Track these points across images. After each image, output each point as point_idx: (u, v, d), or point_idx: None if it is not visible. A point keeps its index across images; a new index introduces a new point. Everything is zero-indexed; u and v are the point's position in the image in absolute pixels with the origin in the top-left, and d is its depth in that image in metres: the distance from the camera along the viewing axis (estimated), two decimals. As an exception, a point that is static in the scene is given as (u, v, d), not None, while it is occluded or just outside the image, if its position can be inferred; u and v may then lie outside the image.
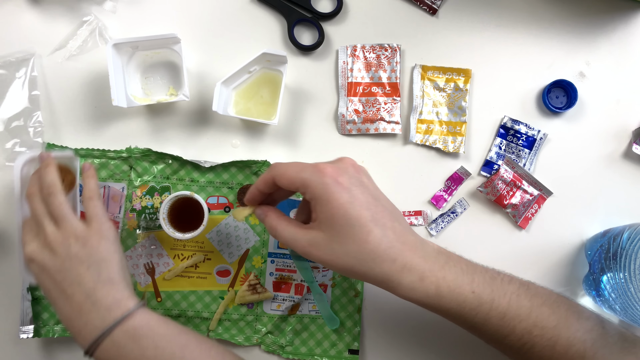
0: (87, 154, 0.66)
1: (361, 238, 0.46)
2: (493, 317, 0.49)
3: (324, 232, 0.47)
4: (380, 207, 0.48)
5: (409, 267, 0.47)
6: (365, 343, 0.67)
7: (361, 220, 0.46)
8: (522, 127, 0.68)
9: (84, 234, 0.54)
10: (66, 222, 0.54)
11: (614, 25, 0.70)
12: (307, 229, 0.49)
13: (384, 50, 0.68)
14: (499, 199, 0.67)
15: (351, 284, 0.66)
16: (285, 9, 0.68)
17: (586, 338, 0.50)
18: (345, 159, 0.50)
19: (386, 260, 0.46)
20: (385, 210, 0.48)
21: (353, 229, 0.46)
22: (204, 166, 0.66)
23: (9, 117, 0.66)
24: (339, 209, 0.46)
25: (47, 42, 0.68)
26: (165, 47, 0.65)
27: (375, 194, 0.49)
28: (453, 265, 0.50)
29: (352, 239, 0.46)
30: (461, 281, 0.49)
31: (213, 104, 0.63)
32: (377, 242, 0.46)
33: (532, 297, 0.50)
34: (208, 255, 0.66)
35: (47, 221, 0.55)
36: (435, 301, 0.48)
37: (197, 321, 0.66)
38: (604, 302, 0.63)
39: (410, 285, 0.47)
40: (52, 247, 0.53)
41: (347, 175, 0.48)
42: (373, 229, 0.46)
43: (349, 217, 0.46)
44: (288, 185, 0.49)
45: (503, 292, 0.50)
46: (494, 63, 0.69)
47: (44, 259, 0.53)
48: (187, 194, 0.61)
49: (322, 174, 0.47)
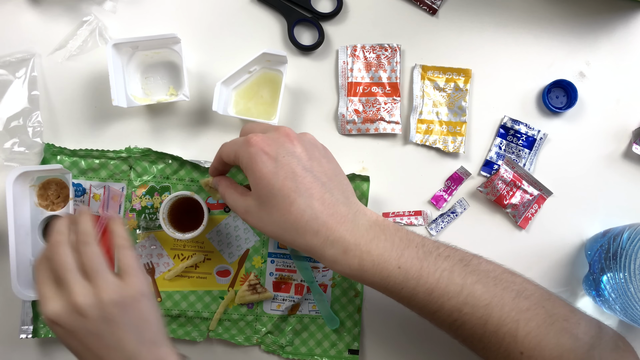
0: (87, 154, 0.66)
1: (284, 208, 0.46)
2: (420, 293, 0.48)
3: (255, 200, 0.49)
4: (309, 178, 0.47)
5: (332, 240, 0.47)
6: (365, 343, 0.67)
7: (284, 190, 0.46)
8: (522, 127, 0.68)
9: (120, 292, 0.47)
10: (100, 277, 0.47)
11: (614, 25, 0.70)
12: (245, 195, 0.50)
13: (384, 50, 0.68)
14: (499, 199, 0.67)
15: (351, 284, 0.66)
16: (285, 9, 0.68)
17: (519, 318, 0.47)
18: (281, 128, 0.50)
19: (309, 231, 0.46)
20: (315, 181, 0.48)
21: (276, 199, 0.47)
22: (203, 166, 0.66)
23: (8, 117, 0.66)
24: (262, 179, 0.47)
25: (47, 42, 0.68)
26: (165, 47, 0.65)
27: (308, 165, 0.48)
28: (384, 239, 0.48)
29: (276, 209, 0.47)
30: (388, 256, 0.47)
31: (213, 104, 0.63)
32: (300, 214, 0.46)
33: (466, 275, 0.48)
34: (208, 255, 0.66)
35: (76, 277, 0.47)
36: (359, 274, 0.48)
37: (197, 321, 0.66)
38: (604, 302, 0.63)
39: (332, 258, 0.47)
40: (83, 309, 0.46)
41: (276, 145, 0.48)
42: (296, 200, 0.46)
43: (271, 187, 0.47)
44: (227, 159, 0.51)
45: (435, 268, 0.48)
46: (494, 63, 0.69)
47: (73, 323, 0.46)
48: (187, 194, 0.61)
49: (248, 144, 0.48)
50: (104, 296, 0.46)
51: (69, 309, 0.46)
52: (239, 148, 0.49)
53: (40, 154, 0.66)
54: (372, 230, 0.49)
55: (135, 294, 0.48)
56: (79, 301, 0.46)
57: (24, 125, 0.66)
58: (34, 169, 0.62)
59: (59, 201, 0.64)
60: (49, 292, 0.47)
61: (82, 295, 0.46)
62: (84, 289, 0.46)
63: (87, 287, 0.47)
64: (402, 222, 0.67)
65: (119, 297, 0.47)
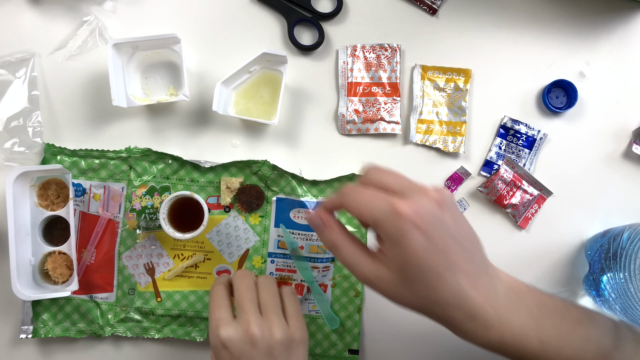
0: (87, 154, 0.66)
1: (431, 284, 0.44)
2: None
3: (392, 272, 0.44)
4: (457, 248, 0.44)
5: (474, 315, 0.44)
6: (365, 343, 0.67)
7: (434, 267, 0.43)
8: (522, 127, 0.68)
9: (287, 334, 0.49)
10: (274, 316, 0.50)
11: (614, 25, 0.70)
12: (374, 259, 0.45)
13: (384, 50, 0.68)
14: (499, 199, 0.67)
15: (351, 284, 0.66)
16: (285, 9, 0.68)
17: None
18: (427, 191, 0.45)
19: (451, 305, 0.44)
20: (462, 251, 0.45)
21: (424, 275, 0.43)
22: (203, 166, 0.66)
23: (8, 116, 0.66)
24: (413, 257, 0.42)
25: (47, 42, 0.68)
26: (165, 47, 0.65)
27: (455, 232, 0.45)
28: (524, 310, 0.47)
29: (423, 285, 0.44)
30: (528, 329, 0.46)
31: (213, 104, 0.63)
32: (447, 290, 0.44)
33: (600, 338, 0.47)
34: (208, 255, 0.66)
35: (255, 309, 0.50)
36: (497, 347, 0.46)
37: (197, 321, 0.66)
38: (604, 302, 0.63)
39: (472, 331, 0.45)
40: (255, 340, 0.48)
41: (428, 217, 0.43)
42: (444, 275, 0.43)
43: (422, 265, 0.43)
44: (358, 218, 0.45)
45: (571, 337, 0.47)
46: (494, 63, 0.69)
47: (242, 350, 0.48)
48: (187, 194, 0.61)
49: (397, 216, 0.42)
50: (275, 333, 0.49)
51: (243, 337, 0.48)
52: (382, 216, 0.43)
53: (41, 154, 0.66)
54: (510, 299, 0.47)
55: (298, 339, 0.50)
56: (254, 332, 0.48)
57: (24, 125, 0.66)
58: (33, 169, 0.62)
59: (59, 201, 0.64)
60: (226, 317, 0.50)
61: (257, 326, 0.48)
62: (260, 321, 0.49)
63: (263, 320, 0.49)
64: (402, 222, 0.67)
65: (286, 338, 0.49)
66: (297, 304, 0.53)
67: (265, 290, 0.52)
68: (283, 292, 0.54)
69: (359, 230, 0.66)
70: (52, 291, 0.62)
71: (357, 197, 0.44)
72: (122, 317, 0.65)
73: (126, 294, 0.65)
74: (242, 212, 0.66)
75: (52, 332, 0.64)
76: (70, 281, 0.64)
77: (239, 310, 0.50)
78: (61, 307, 0.65)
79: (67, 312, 0.65)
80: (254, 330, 0.48)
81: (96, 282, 0.65)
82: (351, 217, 0.66)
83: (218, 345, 0.49)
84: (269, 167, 0.65)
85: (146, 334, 0.65)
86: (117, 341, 0.66)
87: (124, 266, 0.65)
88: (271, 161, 0.66)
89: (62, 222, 0.65)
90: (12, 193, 0.61)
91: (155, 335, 0.65)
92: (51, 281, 0.64)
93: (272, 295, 0.51)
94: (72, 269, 0.64)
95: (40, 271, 0.64)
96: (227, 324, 0.49)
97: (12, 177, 0.61)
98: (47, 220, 0.64)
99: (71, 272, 0.64)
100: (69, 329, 0.65)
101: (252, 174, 0.66)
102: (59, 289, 0.63)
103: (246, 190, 0.66)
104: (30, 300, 0.63)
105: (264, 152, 0.68)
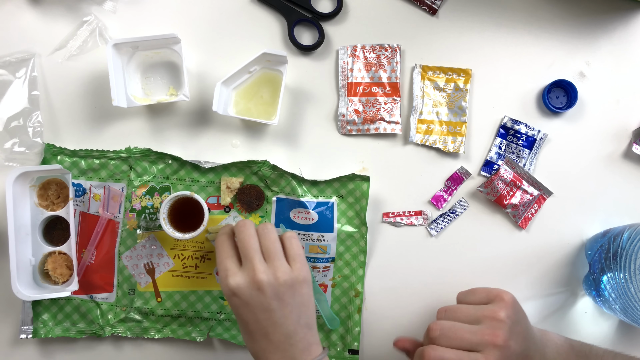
0: (86, 154, 0.66)
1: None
2: None
3: None
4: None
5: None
6: (365, 343, 0.67)
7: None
8: (522, 127, 0.68)
9: (290, 275, 0.52)
10: (278, 260, 0.53)
11: (614, 25, 0.70)
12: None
13: (384, 50, 0.68)
14: (499, 199, 0.67)
15: (351, 284, 0.66)
16: (285, 9, 0.68)
17: None
18: (501, 320, 0.52)
19: None
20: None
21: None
22: (203, 166, 0.66)
23: (8, 116, 0.66)
24: None
25: (47, 42, 0.68)
26: (165, 47, 0.65)
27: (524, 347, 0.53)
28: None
29: None
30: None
31: (213, 104, 0.63)
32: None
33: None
34: (208, 255, 0.66)
35: (259, 257, 0.53)
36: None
37: (197, 321, 0.66)
38: (604, 302, 0.63)
39: None
40: (261, 286, 0.51)
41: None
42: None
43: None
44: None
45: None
46: (494, 63, 0.69)
47: (251, 296, 0.51)
48: (187, 194, 0.61)
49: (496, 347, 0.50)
50: (280, 277, 0.52)
51: (250, 284, 0.51)
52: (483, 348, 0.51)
53: (41, 154, 0.66)
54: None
55: (301, 279, 0.53)
56: (260, 278, 0.51)
57: (24, 125, 0.66)
58: (33, 169, 0.62)
59: (59, 201, 0.64)
60: (233, 267, 0.53)
61: (263, 273, 0.51)
62: (265, 268, 0.52)
63: (267, 267, 0.52)
64: (402, 222, 0.68)
65: (290, 279, 0.52)
66: (298, 246, 0.55)
67: (267, 237, 0.54)
68: (284, 237, 0.56)
69: (358, 230, 0.66)
70: (52, 291, 0.63)
71: (460, 333, 0.52)
72: (122, 317, 0.65)
73: (126, 294, 0.65)
74: (242, 212, 0.66)
75: (52, 332, 0.64)
76: (70, 281, 0.64)
77: (244, 259, 0.53)
78: (61, 307, 0.65)
79: (67, 312, 0.65)
80: (260, 277, 0.51)
81: (96, 282, 0.65)
82: (351, 217, 0.66)
83: (229, 293, 0.52)
84: (268, 167, 0.65)
85: (146, 334, 0.65)
86: (117, 341, 0.66)
87: (124, 266, 0.65)
88: (271, 161, 0.66)
89: (62, 222, 0.65)
90: (12, 193, 0.61)
91: (156, 335, 0.65)
92: (51, 281, 0.64)
93: (273, 241, 0.54)
94: (72, 269, 0.64)
95: (40, 271, 0.64)
96: (234, 274, 0.52)
97: (12, 177, 0.61)
98: (47, 221, 0.64)
99: (71, 272, 0.64)
100: (69, 329, 0.65)
101: (252, 174, 0.66)
102: (59, 289, 0.63)
103: (246, 190, 0.66)
104: (30, 300, 0.63)
105: (264, 152, 0.68)
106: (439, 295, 0.67)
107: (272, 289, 0.51)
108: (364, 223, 0.66)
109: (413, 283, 0.67)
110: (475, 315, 0.54)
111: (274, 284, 0.51)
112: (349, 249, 0.66)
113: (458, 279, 0.67)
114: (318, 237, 0.65)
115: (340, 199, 0.66)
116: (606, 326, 0.68)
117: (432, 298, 0.67)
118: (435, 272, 0.68)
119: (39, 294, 0.62)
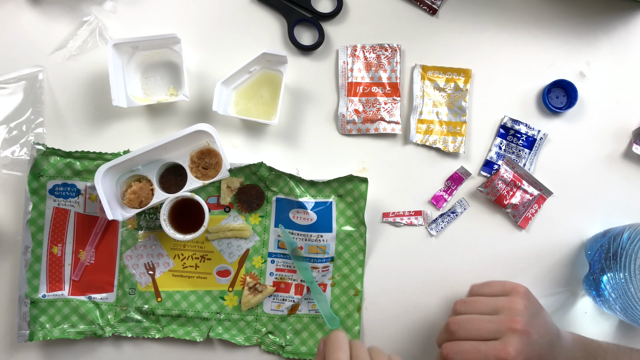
0: (83, 155, 0.65)
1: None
2: None
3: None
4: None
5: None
6: (365, 342, 0.67)
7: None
8: (522, 127, 0.68)
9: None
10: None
11: (614, 25, 0.70)
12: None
13: (384, 50, 0.68)
14: (499, 199, 0.67)
15: (351, 283, 0.66)
16: (285, 9, 0.68)
17: None
18: (520, 309, 0.53)
19: None
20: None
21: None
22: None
23: (7, 116, 0.66)
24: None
25: (47, 42, 0.68)
26: (165, 47, 0.65)
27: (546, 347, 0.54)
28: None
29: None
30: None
31: (213, 104, 0.63)
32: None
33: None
34: (208, 255, 0.66)
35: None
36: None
37: (197, 321, 0.66)
38: (604, 302, 0.63)
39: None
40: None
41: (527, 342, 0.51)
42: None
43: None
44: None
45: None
46: (494, 63, 0.69)
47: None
48: (188, 195, 0.61)
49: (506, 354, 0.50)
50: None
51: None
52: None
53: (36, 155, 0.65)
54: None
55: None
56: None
57: (24, 126, 0.66)
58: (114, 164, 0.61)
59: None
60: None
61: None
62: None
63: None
64: (402, 222, 0.68)
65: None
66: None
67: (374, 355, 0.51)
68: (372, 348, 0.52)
69: (357, 229, 0.66)
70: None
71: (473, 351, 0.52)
72: (122, 317, 0.65)
73: (127, 294, 0.65)
74: (242, 212, 0.66)
75: (50, 335, 0.64)
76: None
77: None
78: (59, 309, 0.65)
79: (65, 314, 0.65)
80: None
81: (96, 282, 0.65)
82: (350, 217, 0.66)
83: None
84: (265, 168, 0.65)
85: (146, 334, 0.65)
86: (117, 341, 0.66)
87: (125, 266, 0.65)
88: (271, 161, 0.66)
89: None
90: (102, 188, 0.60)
91: (156, 335, 0.65)
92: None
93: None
94: (143, 205, 0.63)
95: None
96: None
97: (101, 171, 0.61)
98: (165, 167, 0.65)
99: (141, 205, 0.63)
100: (68, 331, 0.65)
101: (252, 174, 0.66)
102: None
103: (246, 190, 0.66)
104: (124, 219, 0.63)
105: (264, 152, 0.68)
106: (439, 295, 0.67)
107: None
108: (362, 223, 0.66)
109: (413, 283, 0.67)
110: (495, 305, 0.54)
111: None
112: (348, 248, 0.66)
113: (458, 279, 0.67)
114: (317, 237, 0.65)
115: (338, 199, 0.66)
116: (606, 326, 0.68)
117: (433, 298, 0.67)
118: (435, 271, 0.68)
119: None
